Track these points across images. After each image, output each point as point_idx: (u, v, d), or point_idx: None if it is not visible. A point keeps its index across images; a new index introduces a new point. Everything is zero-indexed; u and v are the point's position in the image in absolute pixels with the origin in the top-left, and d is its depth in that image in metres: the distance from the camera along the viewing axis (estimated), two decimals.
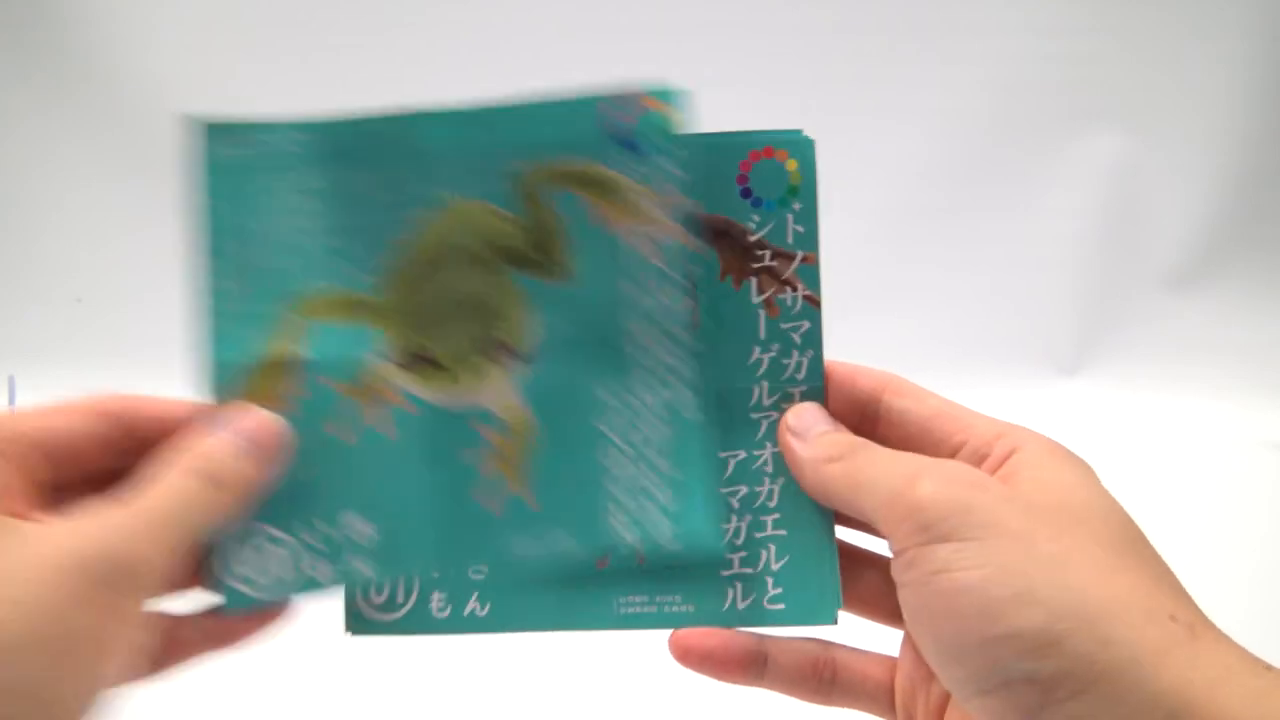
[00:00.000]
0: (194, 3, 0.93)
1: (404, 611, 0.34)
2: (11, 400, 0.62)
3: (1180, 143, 0.97)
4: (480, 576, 0.34)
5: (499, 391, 0.34)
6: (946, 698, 0.31)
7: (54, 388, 0.34)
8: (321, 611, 0.34)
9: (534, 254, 0.34)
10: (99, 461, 0.31)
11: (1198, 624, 0.26)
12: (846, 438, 0.33)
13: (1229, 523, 0.78)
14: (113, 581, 0.26)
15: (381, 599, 0.34)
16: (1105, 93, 0.96)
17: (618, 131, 0.33)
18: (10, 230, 0.95)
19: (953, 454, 0.32)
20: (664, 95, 0.33)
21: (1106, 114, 0.96)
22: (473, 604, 0.34)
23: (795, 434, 0.33)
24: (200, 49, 0.93)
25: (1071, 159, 0.97)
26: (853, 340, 0.37)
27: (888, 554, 0.35)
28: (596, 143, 0.33)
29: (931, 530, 0.28)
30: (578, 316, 0.34)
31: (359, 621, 0.34)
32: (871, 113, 0.92)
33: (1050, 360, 1.00)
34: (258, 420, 0.32)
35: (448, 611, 0.34)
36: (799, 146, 0.34)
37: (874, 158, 0.92)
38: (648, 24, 0.92)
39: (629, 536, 0.33)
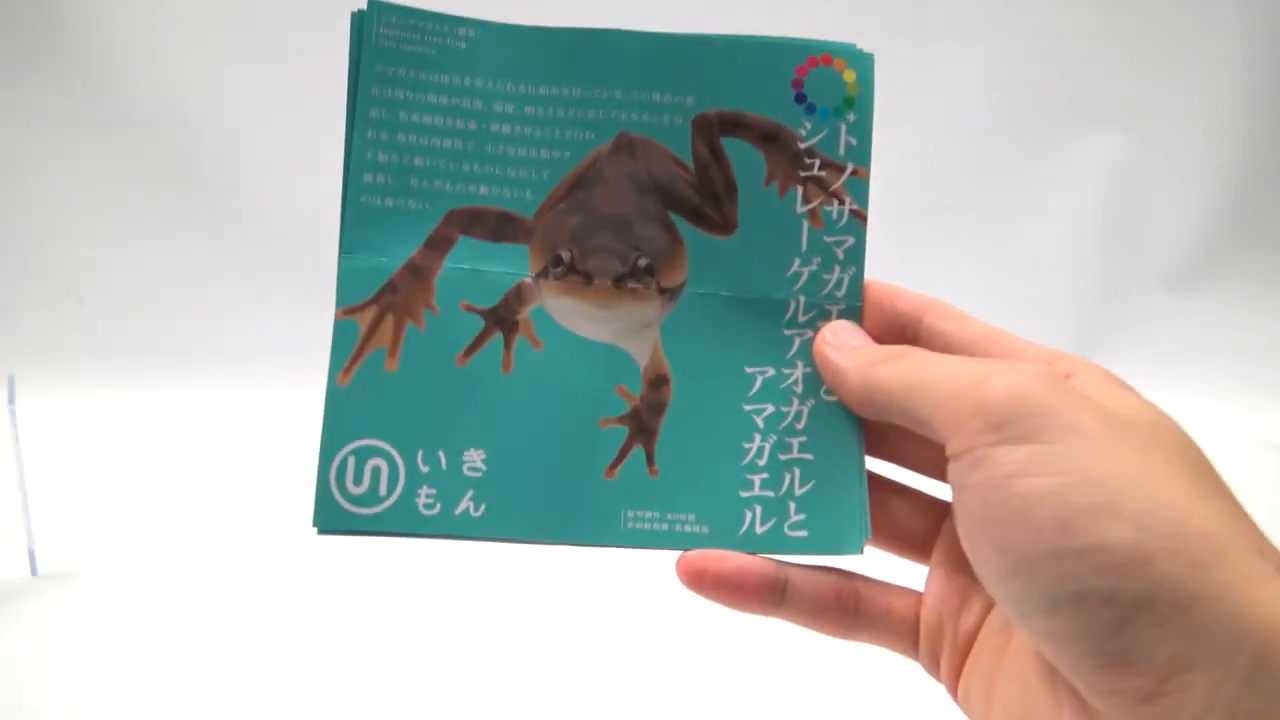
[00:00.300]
0: (194, 3, 0.93)
1: (386, 505, 0.31)
2: (11, 400, 0.62)
3: (1180, 143, 0.97)
4: (477, 474, 0.31)
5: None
6: (974, 635, 0.30)
7: (54, 388, 0.34)
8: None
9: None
10: None
11: None
12: (892, 345, 0.32)
13: None
14: None
15: (361, 489, 0.31)
16: (1105, 93, 0.96)
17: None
18: (10, 230, 0.95)
19: None
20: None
21: (1106, 114, 0.96)
22: (466, 503, 0.31)
23: (833, 348, 0.32)
24: (200, 49, 0.93)
25: (1071, 159, 0.97)
26: None
27: (914, 485, 0.33)
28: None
29: (1006, 430, 0.25)
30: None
31: (330, 513, 0.30)
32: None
33: None
34: None
35: (437, 509, 0.31)
36: (859, 59, 0.33)
37: (875, 157, 0.92)
38: (649, 22, 0.91)
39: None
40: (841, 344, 0.32)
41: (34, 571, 0.64)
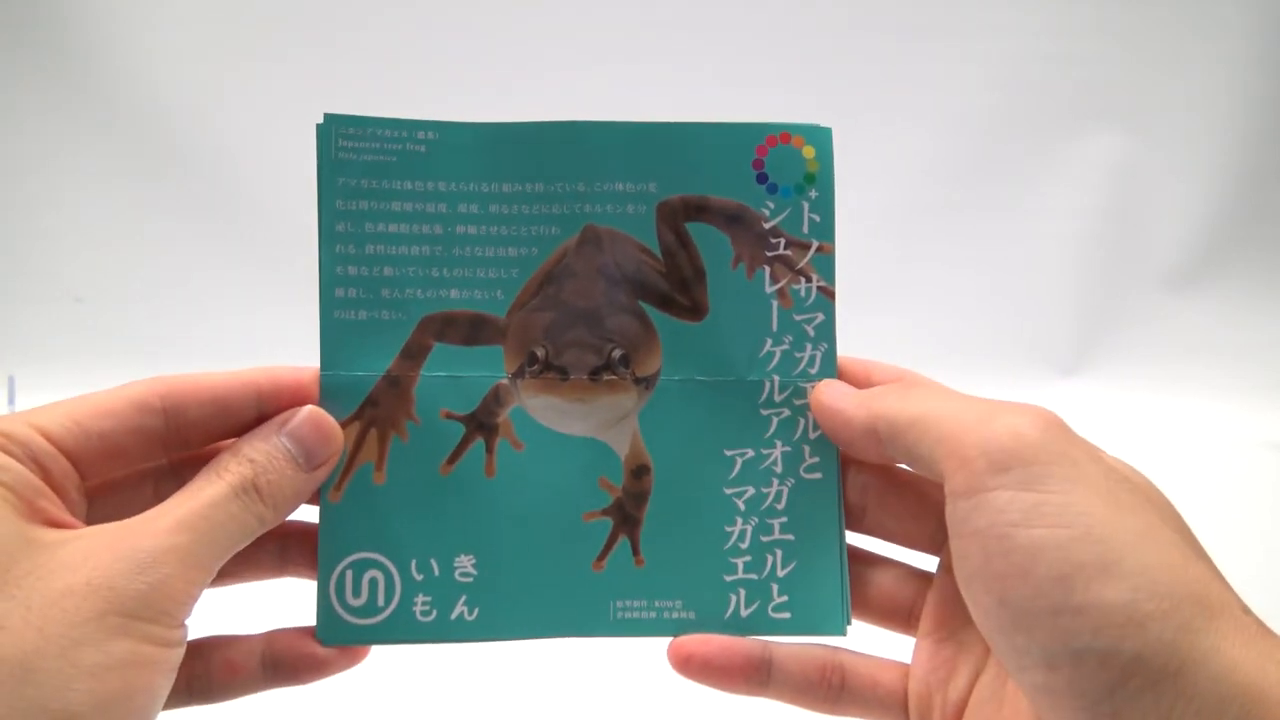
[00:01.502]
0: (194, 3, 0.93)
1: (384, 615, 0.32)
2: (11, 400, 0.62)
3: (1180, 143, 0.97)
4: (469, 579, 0.32)
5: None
6: (964, 702, 0.31)
7: (54, 388, 0.34)
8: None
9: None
10: (146, 457, 0.30)
11: (1262, 624, 0.25)
12: (895, 382, 0.32)
13: (1229, 523, 0.78)
14: (136, 611, 0.25)
15: (360, 600, 0.32)
16: (1105, 93, 0.96)
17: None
18: (10, 230, 0.95)
19: None
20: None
21: (1106, 114, 0.96)
22: (460, 608, 0.32)
23: (831, 395, 0.32)
24: (200, 49, 0.93)
25: (1071, 159, 0.97)
26: (851, 338, 0.37)
27: (898, 558, 0.34)
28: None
29: (1011, 474, 0.25)
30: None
31: (333, 626, 0.31)
32: (874, 111, 0.92)
33: (1050, 360, 1.00)
34: (313, 424, 0.30)
35: (433, 616, 0.32)
36: (816, 134, 0.33)
37: (875, 157, 0.92)
38: (657, 21, 0.92)
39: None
40: (839, 392, 0.32)
41: None
